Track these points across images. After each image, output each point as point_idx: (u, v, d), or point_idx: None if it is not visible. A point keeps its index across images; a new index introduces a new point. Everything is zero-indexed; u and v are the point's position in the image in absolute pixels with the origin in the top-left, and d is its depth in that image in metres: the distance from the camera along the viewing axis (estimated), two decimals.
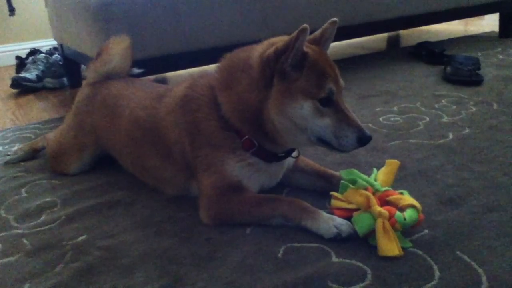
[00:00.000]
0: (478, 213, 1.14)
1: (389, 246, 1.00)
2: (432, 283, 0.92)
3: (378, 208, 1.03)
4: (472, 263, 0.96)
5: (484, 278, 0.92)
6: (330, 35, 1.21)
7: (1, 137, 2.02)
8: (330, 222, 1.09)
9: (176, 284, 0.98)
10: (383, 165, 1.18)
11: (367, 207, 1.05)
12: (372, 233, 1.04)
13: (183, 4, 2.08)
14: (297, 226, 1.12)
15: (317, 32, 1.20)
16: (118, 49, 1.61)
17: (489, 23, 3.81)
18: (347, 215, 1.10)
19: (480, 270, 0.94)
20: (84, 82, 1.66)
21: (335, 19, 1.19)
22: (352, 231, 1.07)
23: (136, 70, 1.72)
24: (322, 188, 1.29)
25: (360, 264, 0.99)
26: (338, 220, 1.09)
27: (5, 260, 1.11)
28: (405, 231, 1.06)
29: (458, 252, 1.00)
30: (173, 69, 2.39)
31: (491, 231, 1.07)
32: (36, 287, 1.00)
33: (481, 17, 4.04)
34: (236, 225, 1.16)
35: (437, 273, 0.94)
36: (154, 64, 2.10)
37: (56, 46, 3.05)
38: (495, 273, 0.93)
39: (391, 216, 1.03)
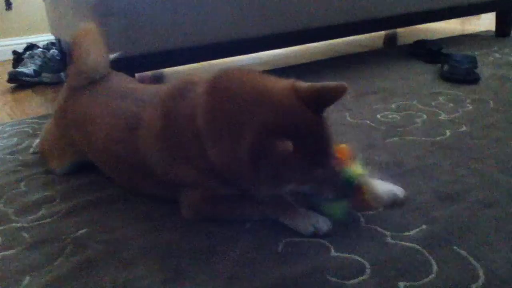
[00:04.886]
0: (475, 209, 1.15)
1: None
2: (430, 277, 0.93)
3: None
4: (470, 258, 0.97)
5: (481, 273, 0.93)
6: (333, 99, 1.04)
7: None
8: (306, 220, 1.10)
9: (177, 277, 0.98)
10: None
11: None
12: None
13: None
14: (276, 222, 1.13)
15: (315, 88, 1.02)
16: (91, 39, 1.45)
17: (486, 22, 3.84)
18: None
19: (477, 265, 0.95)
20: (63, 87, 1.55)
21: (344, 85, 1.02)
22: (329, 228, 1.09)
23: (113, 55, 1.58)
24: None
25: (359, 259, 1.00)
26: (316, 217, 1.10)
27: (5, 253, 1.12)
28: None
29: (455, 247, 1.01)
30: (171, 65, 2.39)
31: (488, 226, 1.08)
32: (36, 280, 1.01)
33: (478, 16, 4.07)
34: (235, 220, 1.17)
35: (435, 268, 0.95)
36: (152, 60, 2.10)
37: (54, 41, 3.04)
38: (492, 267, 0.94)
39: None
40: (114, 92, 1.39)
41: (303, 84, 1.05)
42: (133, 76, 2.04)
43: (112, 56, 1.56)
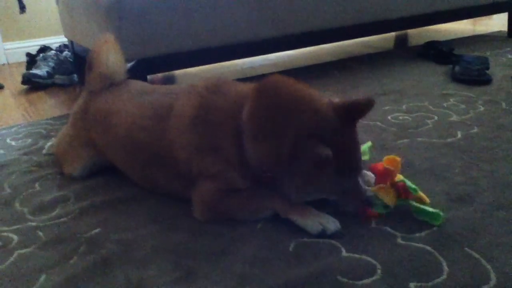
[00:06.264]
0: (487, 211, 1.15)
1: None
2: (441, 278, 0.93)
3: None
4: (481, 259, 0.98)
5: (492, 274, 0.93)
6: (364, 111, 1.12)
7: (14, 133, 2.05)
8: (316, 219, 1.11)
9: (189, 277, 1.00)
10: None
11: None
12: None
13: (195, 2, 2.10)
14: (285, 220, 1.15)
15: (352, 102, 1.12)
16: (110, 46, 1.51)
17: (498, 22, 3.81)
18: None
19: (488, 266, 0.95)
20: (83, 91, 1.59)
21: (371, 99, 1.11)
22: (337, 228, 1.10)
23: (129, 64, 1.61)
24: None
25: (370, 259, 1.00)
26: (325, 218, 1.12)
27: (21, 251, 1.14)
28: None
29: (466, 249, 1.01)
30: (183, 66, 2.41)
31: (499, 228, 1.08)
32: (52, 278, 1.03)
33: (490, 16, 4.04)
34: (246, 219, 1.19)
35: (446, 269, 0.96)
36: (164, 61, 2.12)
37: (67, 43, 3.08)
38: (503, 269, 0.94)
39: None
40: (138, 90, 1.46)
41: (336, 99, 1.14)
42: (145, 78, 2.07)
43: (129, 65, 1.61)
